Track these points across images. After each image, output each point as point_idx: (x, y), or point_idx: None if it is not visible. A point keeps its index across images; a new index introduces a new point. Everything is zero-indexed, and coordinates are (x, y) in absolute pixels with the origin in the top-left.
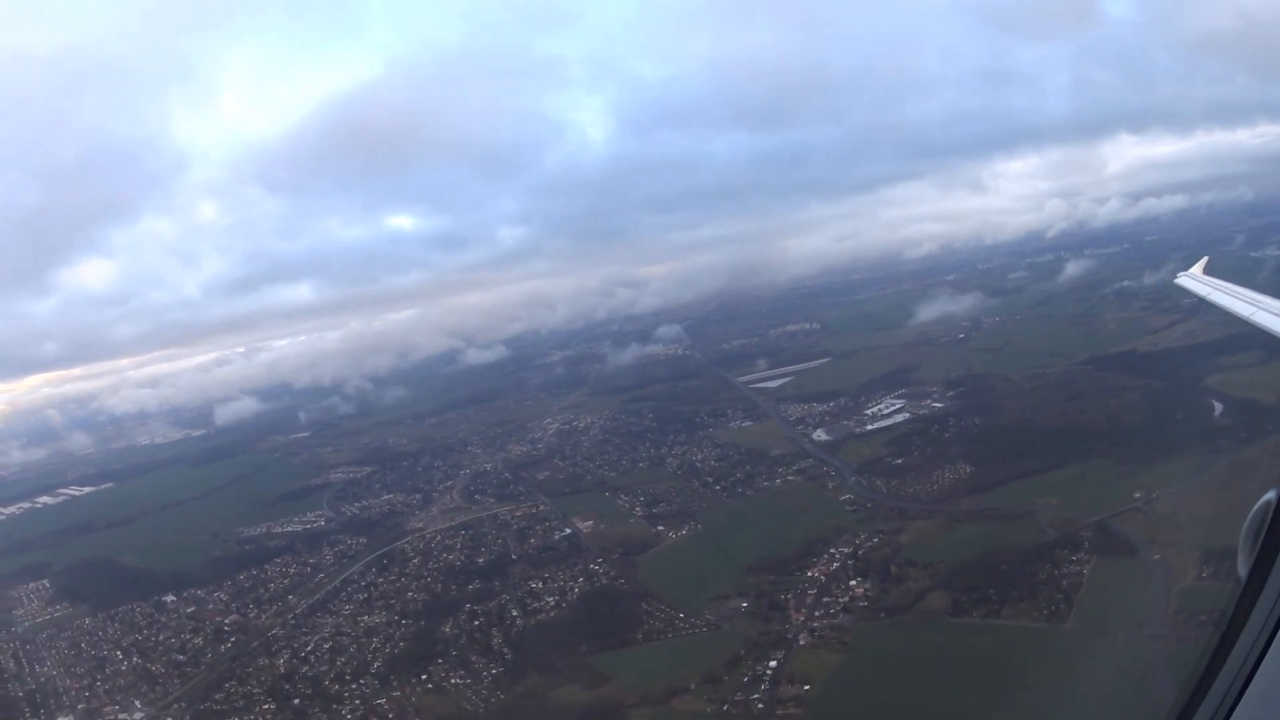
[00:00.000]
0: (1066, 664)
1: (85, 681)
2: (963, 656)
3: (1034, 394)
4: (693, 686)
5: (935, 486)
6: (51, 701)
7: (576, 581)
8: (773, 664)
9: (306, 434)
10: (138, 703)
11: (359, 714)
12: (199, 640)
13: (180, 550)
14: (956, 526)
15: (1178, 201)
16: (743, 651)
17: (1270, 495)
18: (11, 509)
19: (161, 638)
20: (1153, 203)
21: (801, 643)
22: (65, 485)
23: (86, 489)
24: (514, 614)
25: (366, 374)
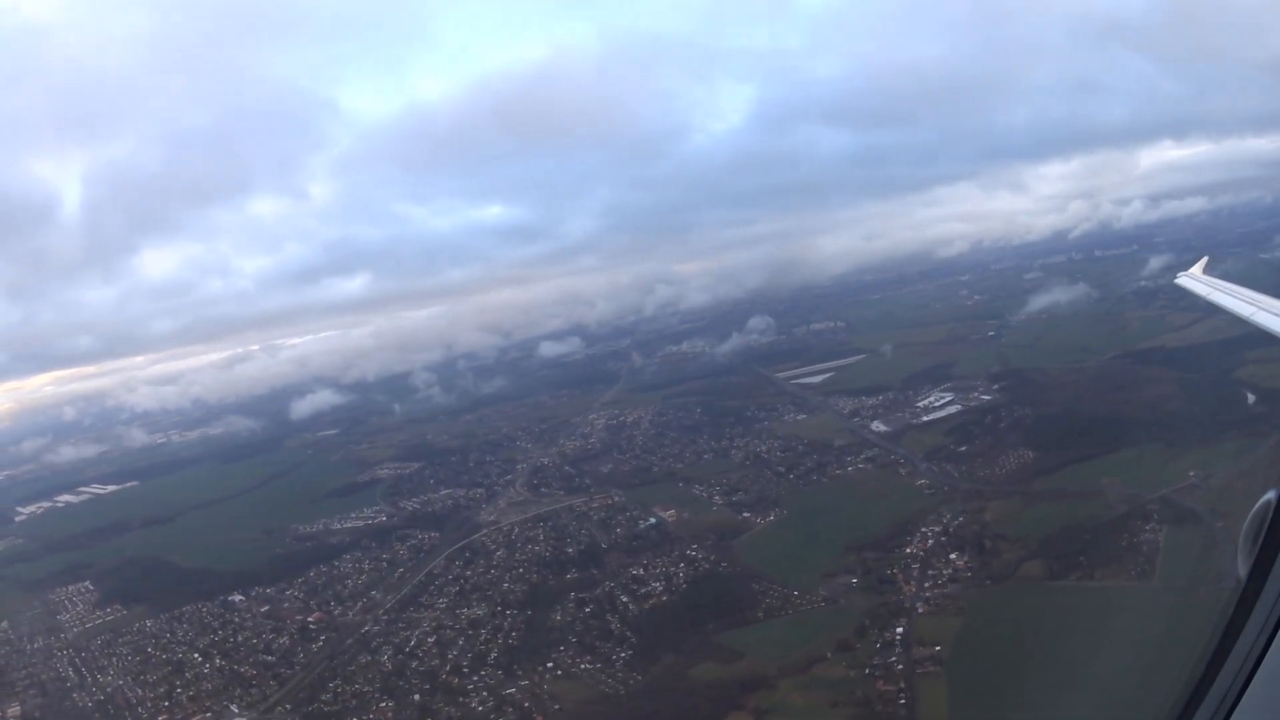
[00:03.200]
0: (1162, 613)
1: (163, 689)
2: (1071, 613)
3: (1075, 386)
4: (829, 655)
5: (1002, 470)
6: (127, 713)
7: (678, 567)
8: (899, 630)
9: (335, 431)
10: (234, 707)
11: (489, 705)
12: (284, 640)
13: (234, 548)
14: (1032, 505)
15: (1197, 204)
16: (866, 621)
17: (1270, 495)
18: (32, 508)
19: (240, 638)
20: (1174, 205)
21: (920, 610)
22: (86, 483)
23: (110, 487)
24: (623, 600)
25: (394, 371)
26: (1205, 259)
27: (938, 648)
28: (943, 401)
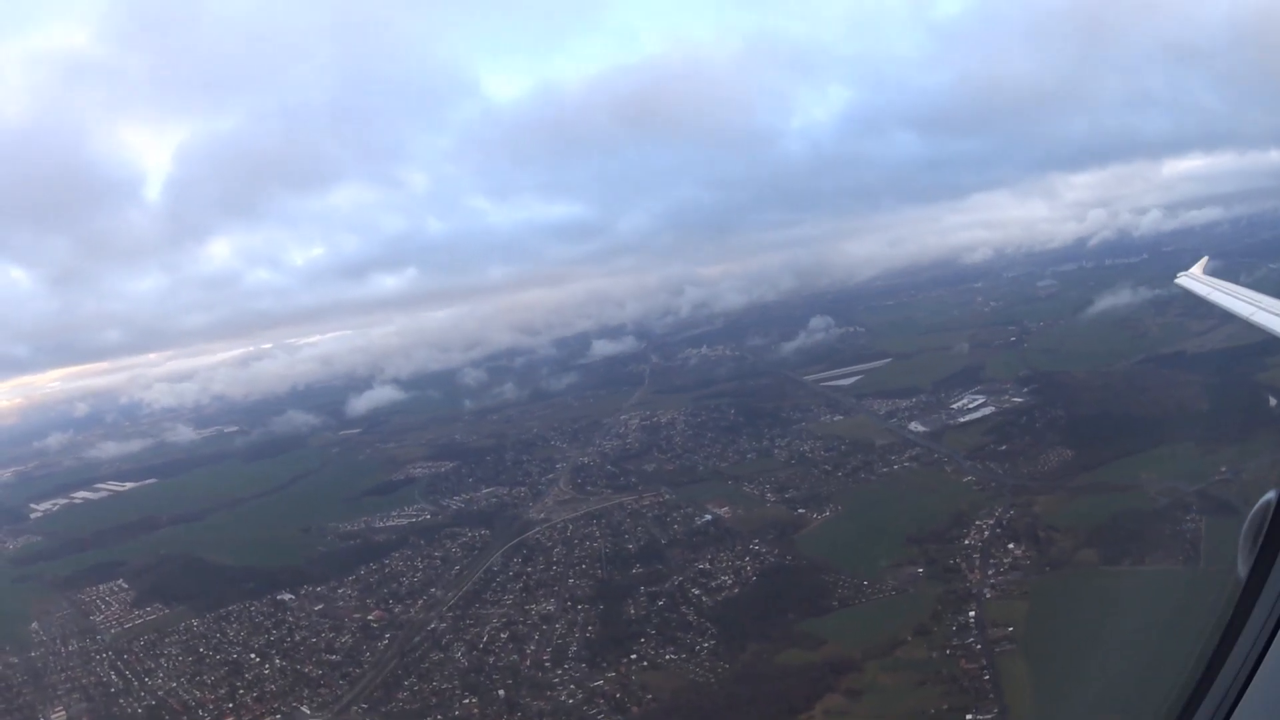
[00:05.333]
0: (1213, 592)
1: (223, 690)
2: (1131, 593)
3: (1105, 389)
4: (909, 638)
5: (1045, 467)
6: (185, 717)
7: (744, 561)
8: (972, 614)
9: (358, 430)
10: (305, 708)
11: (579, 697)
12: (347, 638)
13: (273, 546)
14: (1077, 498)
15: (1214, 213)
16: (939, 607)
17: (1270, 495)
18: (46, 504)
19: (298, 637)
20: (1192, 214)
21: (988, 595)
22: (102, 480)
23: (128, 484)
24: (695, 593)
25: (417, 372)
26: (1205, 259)
27: (1011, 628)
28: (976, 403)
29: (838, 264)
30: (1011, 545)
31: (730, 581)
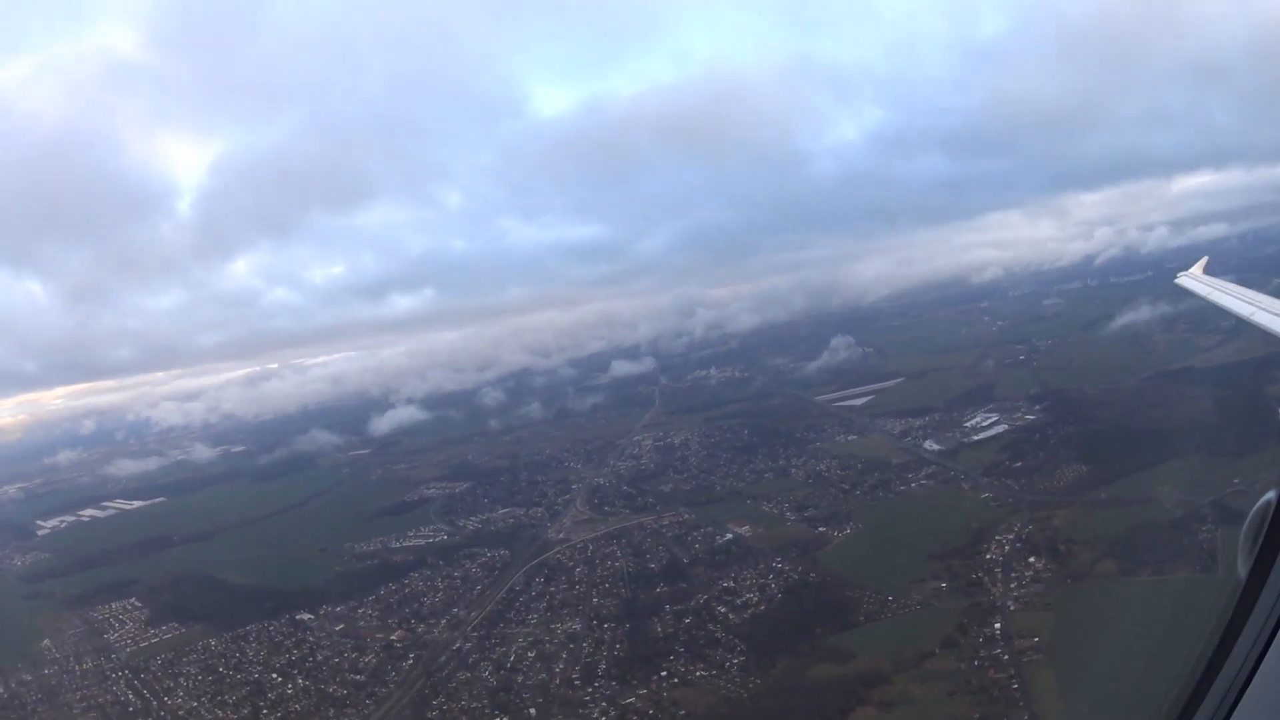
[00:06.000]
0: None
1: (246, 710)
2: (1151, 602)
3: (1116, 405)
4: (937, 650)
5: (1060, 482)
6: None
7: (768, 578)
8: (997, 626)
9: (367, 451)
10: None
11: (611, 715)
12: (370, 658)
13: (289, 566)
14: (1094, 512)
15: (1221, 229)
16: (964, 620)
17: (1270, 495)
18: (54, 521)
19: (319, 657)
20: (1199, 231)
21: (1012, 608)
22: (110, 498)
23: (136, 503)
24: (721, 610)
25: (429, 391)
26: (1205, 259)
27: (1036, 639)
28: (989, 421)
29: (849, 284)
30: (1032, 559)
31: (756, 599)
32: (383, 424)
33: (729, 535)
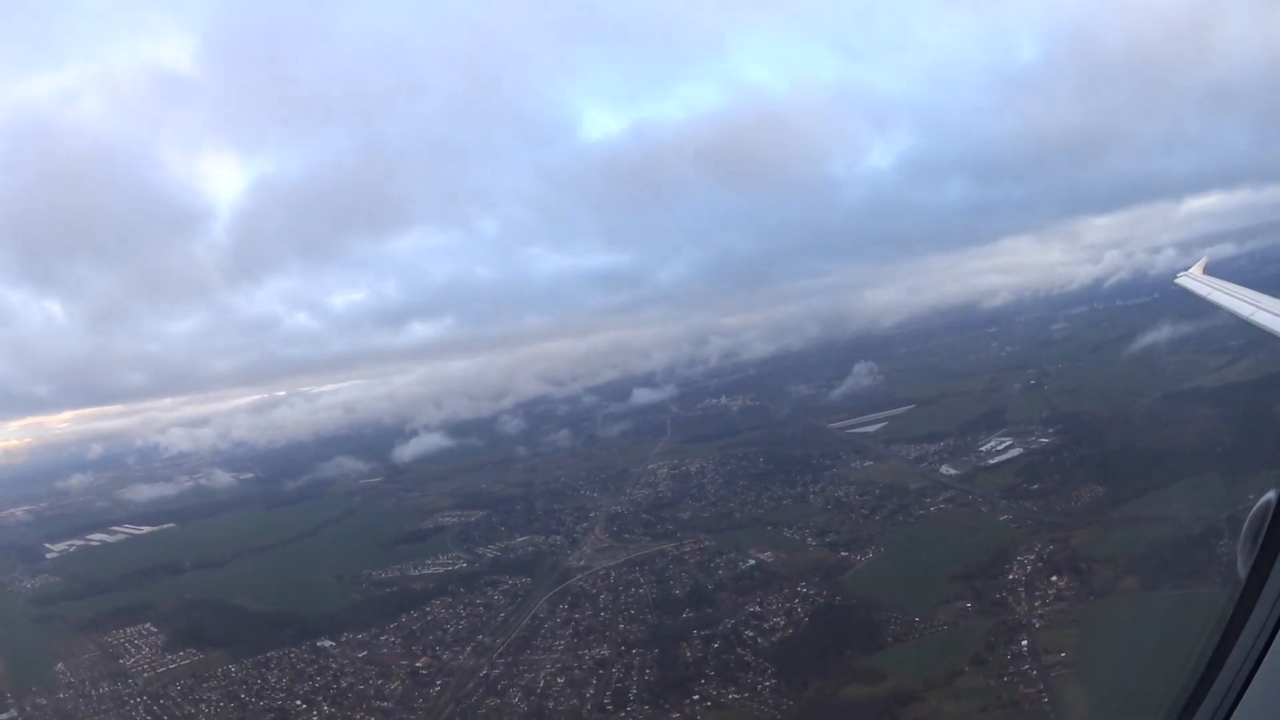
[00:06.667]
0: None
1: None
2: (1174, 615)
3: (1129, 426)
4: (966, 668)
5: (1078, 503)
6: None
7: (794, 602)
8: (1024, 643)
9: (380, 479)
10: None
11: None
12: (396, 685)
13: (306, 593)
14: (1113, 530)
15: (1228, 249)
16: (991, 638)
17: (1270, 495)
18: (62, 545)
19: (344, 684)
20: (1207, 251)
21: (1037, 625)
22: (119, 523)
23: (145, 528)
24: (748, 634)
25: (438, 420)
26: (1205, 259)
27: (1063, 654)
28: (1004, 445)
29: (860, 312)
30: (1054, 578)
31: (783, 622)
32: (395, 452)
33: (751, 561)
